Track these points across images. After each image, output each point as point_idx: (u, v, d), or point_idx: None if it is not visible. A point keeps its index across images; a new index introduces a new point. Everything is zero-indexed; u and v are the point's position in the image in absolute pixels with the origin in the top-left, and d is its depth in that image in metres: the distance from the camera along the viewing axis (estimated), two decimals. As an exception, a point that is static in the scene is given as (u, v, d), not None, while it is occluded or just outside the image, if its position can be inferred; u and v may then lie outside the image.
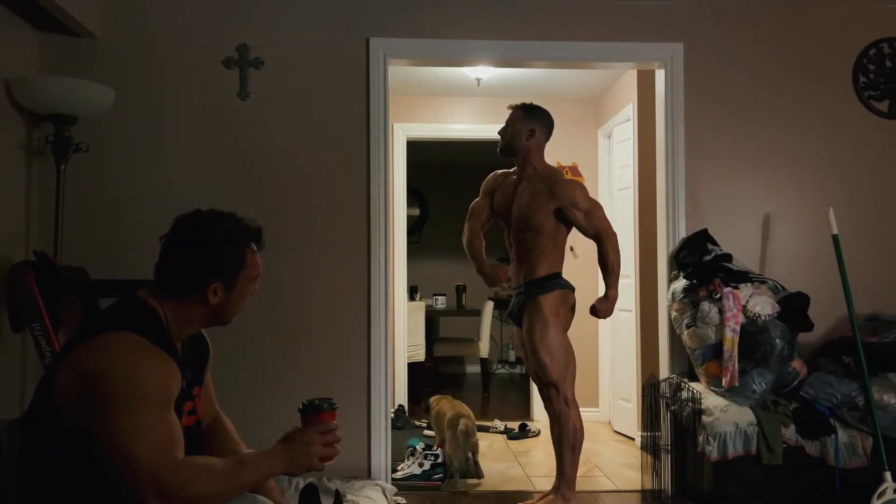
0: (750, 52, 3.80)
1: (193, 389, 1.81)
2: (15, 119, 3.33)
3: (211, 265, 1.70)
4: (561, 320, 3.31)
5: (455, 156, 7.78)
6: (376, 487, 3.32)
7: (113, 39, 3.60)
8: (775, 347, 3.23)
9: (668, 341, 3.71)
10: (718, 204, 3.76)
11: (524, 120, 3.38)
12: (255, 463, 1.63)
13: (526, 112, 3.40)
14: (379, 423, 3.62)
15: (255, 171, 3.63)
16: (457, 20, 3.73)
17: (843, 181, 3.80)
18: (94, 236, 3.51)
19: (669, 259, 3.74)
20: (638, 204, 4.81)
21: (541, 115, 3.41)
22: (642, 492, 3.67)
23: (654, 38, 3.77)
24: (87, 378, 1.51)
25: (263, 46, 3.65)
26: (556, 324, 3.28)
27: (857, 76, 3.82)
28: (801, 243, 3.76)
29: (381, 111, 3.68)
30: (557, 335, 3.27)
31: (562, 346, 3.28)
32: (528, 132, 3.36)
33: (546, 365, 3.24)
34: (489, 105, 5.71)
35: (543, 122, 3.41)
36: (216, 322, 1.78)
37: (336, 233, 3.65)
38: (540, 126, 3.39)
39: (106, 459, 1.49)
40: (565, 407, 3.27)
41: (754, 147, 3.78)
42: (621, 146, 5.19)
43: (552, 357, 3.24)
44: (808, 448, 3.14)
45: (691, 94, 3.77)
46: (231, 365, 3.48)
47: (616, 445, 4.86)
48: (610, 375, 5.45)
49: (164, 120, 3.61)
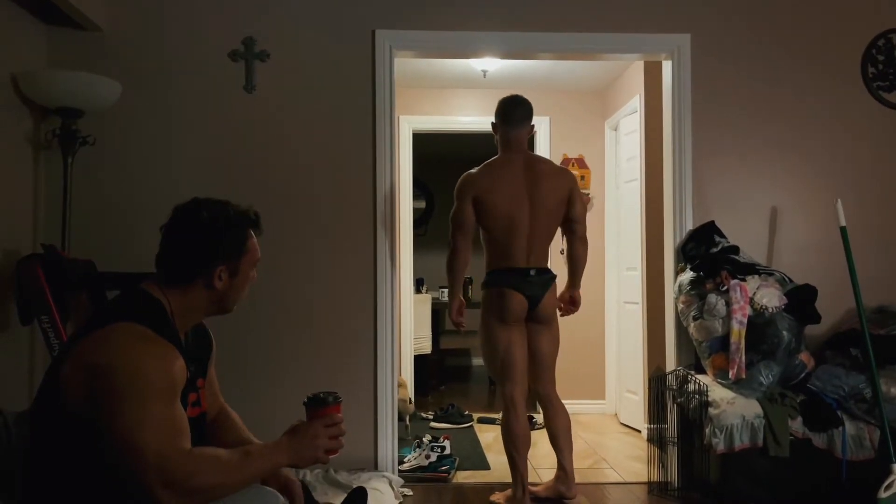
0: (757, 43, 3.77)
1: (197, 381, 1.82)
2: (22, 113, 3.34)
3: (215, 248, 1.71)
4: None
5: (461, 148, 7.75)
6: (383, 479, 3.34)
7: (119, 33, 3.61)
8: (782, 340, 3.22)
9: (675, 334, 3.71)
10: (725, 196, 3.74)
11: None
12: (262, 455, 1.64)
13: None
14: (385, 416, 3.63)
15: (261, 163, 3.63)
16: (462, 12, 3.72)
17: (851, 173, 3.77)
18: (102, 229, 3.53)
19: (676, 251, 3.72)
20: (645, 196, 4.80)
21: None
22: (649, 484, 3.67)
23: (661, 29, 3.75)
24: (93, 370, 1.52)
25: (269, 39, 3.65)
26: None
27: (866, 67, 3.79)
28: (809, 235, 3.74)
29: (387, 104, 3.68)
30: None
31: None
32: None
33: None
34: (495, 97, 5.63)
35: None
36: (219, 309, 1.79)
37: (342, 225, 3.66)
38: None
39: (113, 450, 1.50)
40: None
41: (762, 138, 3.76)
42: (628, 138, 5.17)
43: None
44: (815, 440, 3.14)
45: (698, 85, 3.75)
46: (237, 358, 3.51)
47: (623, 438, 4.86)
48: (617, 368, 5.44)
49: (171, 113, 3.62)
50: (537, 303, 3.30)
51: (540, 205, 3.27)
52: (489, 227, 3.33)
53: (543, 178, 3.29)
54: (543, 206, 3.27)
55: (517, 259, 3.29)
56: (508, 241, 3.28)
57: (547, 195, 3.28)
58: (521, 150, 3.38)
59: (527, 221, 3.26)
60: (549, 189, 3.29)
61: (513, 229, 3.27)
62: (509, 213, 3.26)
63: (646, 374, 4.63)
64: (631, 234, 5.07)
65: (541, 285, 3.31)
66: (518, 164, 3.33)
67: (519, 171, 3.30)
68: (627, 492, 3.62)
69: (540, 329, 3.37)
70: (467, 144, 7.38)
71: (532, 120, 3.46)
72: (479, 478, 3.87)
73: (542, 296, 3.30)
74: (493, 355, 3.35)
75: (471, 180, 3.36)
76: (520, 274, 3.28)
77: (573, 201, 3.35)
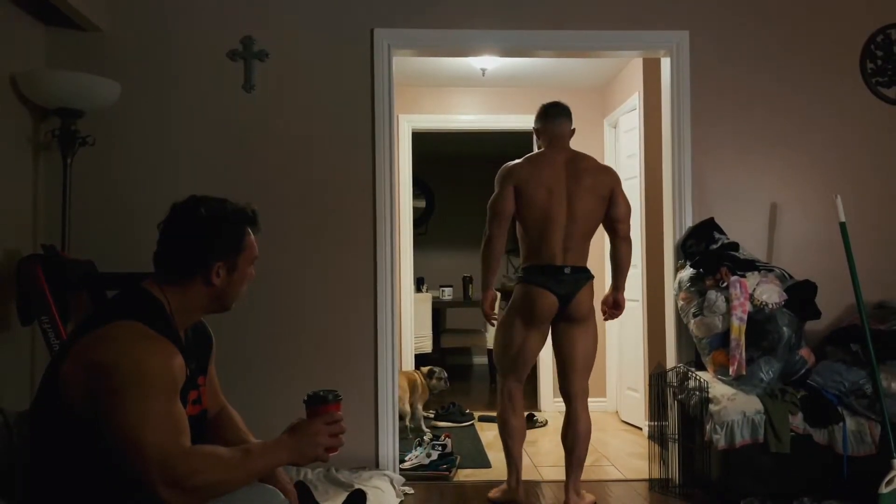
0: (756, 39, 3.77)
1: (198, 379, 1.82)
2: (22, 113, 3.34)
3: (213, 244, 1.72)
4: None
5: (461, 147, 7.77)
6: (384, 477, 3.34)
7: (119, 33, 3.61)
8: (783, 336, 3.22)
9: (675, 331, 3.71)
10: (725, 192, 3.74)
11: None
12: (262, 453, 1.64)
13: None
14: (386, 414, 3.63)
15: (260, 162, 3.63)
16: (461, 10, 3.72)
17: (850, 168, 3.77)
18: (102, 229, 3.53)
19: (676, 248, 3.73)
20: (644, 193, 4.80)
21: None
22: (650, 481, 3.67)
23: (659, 26, 3.75)
24: (93, 368, 1.52)
25: (268, 38, 3.65)
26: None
27: (865, 63, 3.79)
28: (809, 231, 3.74)
29: (386, 102, 3.68)
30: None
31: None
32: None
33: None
34: (494, 95, 5.70)
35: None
36: (218, 307, 1.80)
37: (342, 224, 3.66)
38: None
39: (114, 448, 1.50)
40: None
41: (761, 135, 3.76)
42: (627, 135, 5.17)
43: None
44: (815, 436, 3.14)
45: (697, 82, 3.75)
46: (238, 357, 3.51)
47: (624, 435, 4.86)
48: (617, 365, 5.45)
49: (170, 113, 3.62)
50: (569, 301, 3.19)
51: (578, 200, 3.20)
52: (525, 218, 3.27)
53: (584, 175, 3.23)
54: (582, 203, 3.20)
55: (552, 256, 3.21)
56: (543, 235, 3.21)
57: (586, 192, 3.21)
58: (564, 147, 3.34)
59: (564, 216, 3.19)
60: (589, 186, 3.22)
61: (548, 223, 3.20)
62: (546, 206, 3.20)
63: (646, 372, 4.63)
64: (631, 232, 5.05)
65: (574, 283, 3.19)
66: (560, 159, 3.28)
67: (560, 166, 3.25)
68: (629, 489, 3.63)
69: (573, 328, 3.24)
70: (467, 143, 7.43)
71: (572, 121, 3.41)
72: (480, 476, 3.87)
73: (574, 293, 3.18)
74: (505, 350, 3.32)
75: (511, 169, 3.31)
76: (553, 272, 3.19)
77: (615, 200, 3.27)
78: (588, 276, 3.26)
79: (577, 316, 3.22)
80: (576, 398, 3.28)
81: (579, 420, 3.26)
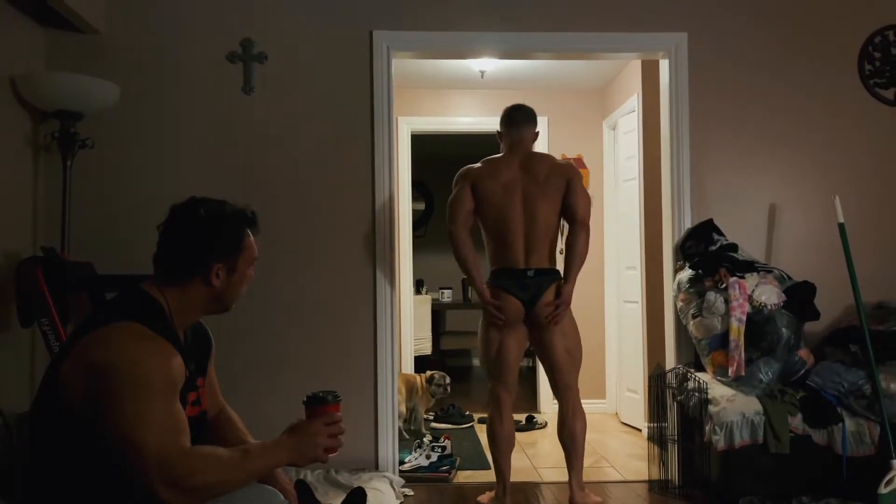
0: (754, 40, 3.78)
1: (197, 380, 1.82)
2: (21, 115, 3.35)
3: (212, 244, 1.72)
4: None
5: (460, 149, 7.75)
6: (384, 479, 3.34)
7: (118, 35, 3.61)
8: (782, 337, 3.23)
9: (675, 332, 3.71)
10: (724, 194, 3.75)
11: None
12: (262, 453, 1.64)
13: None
14: (386, 416, 3.63)
15: (259, 164, 3.64)
16: (460, 12, 3.72)
17: (848, 169, 3.78)
18: (101, 231, 3.53)
19: (675, 249, 3.73)
20: (643, 195, 4.80)
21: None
22: (650, 482, 3.67)
23: (658, 28, 3.76)
24: (93, 369, 1.52)
25: (267, 41, 3.66)
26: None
27: (863, 64, 3.80)
28: (807, 232, 3.75)
29: (385, 104, 3.69)
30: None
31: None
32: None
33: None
34: (493, 97, 5.70)
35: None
36: (217, 308, 1.80)
37: (341, 226, 3.66)
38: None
39: (114, 449, 1.50)
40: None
41: (759, 136, 3.77)
42: (626, 137, 5.17)
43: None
44: (815, 437, 3.14)
45: (695, 83, 3.76)
46: (237, 358, 3.51)
47: (623, 436, 4.86)
48: (617, 367, 5.45)
49: (170, 115, 3.62)
50: (533, 304, 3.18)
51: (534, 199, 3.20)
52: (484, 217, 3.29)
53: (539, 172, 3.24)
54: (538, 201, 3.20)
55: (515, 259, 3.22)
56: (504, 237, 3.23)
57: (543, 190, 3.21)
58: (524, 150, 3.36)
59: (521, 217, 3.20)
60: (544, 183, 3.22)
61: (507, 223, 3.21)
62: (502, 205, 3.22)
63: (646, 373, 4.64)
64: (630, 233, 5.08)
65: (537, 287, 3.18)
66: (516, 160, 3.30)
67: (515, 165, 3.28)
68: (629, 490, 3.62)
69: (546, 331, 3.22)
70: (466, 145, 7.40)
71: (536, 124, 3.42)
72: (480, 478, 3.87)
73: (538, 297, 3.17)
74: (485, 355, 3.34)
75: (469, 169, 3.37)
76: (517, 275, 3.21)
77: (571, 191, 3.23)
78: (553, 277, 3.24)
79: (542, 320, 3.20)
80: (564, 393, 3.29)
81: (570, 414, 3.26)
